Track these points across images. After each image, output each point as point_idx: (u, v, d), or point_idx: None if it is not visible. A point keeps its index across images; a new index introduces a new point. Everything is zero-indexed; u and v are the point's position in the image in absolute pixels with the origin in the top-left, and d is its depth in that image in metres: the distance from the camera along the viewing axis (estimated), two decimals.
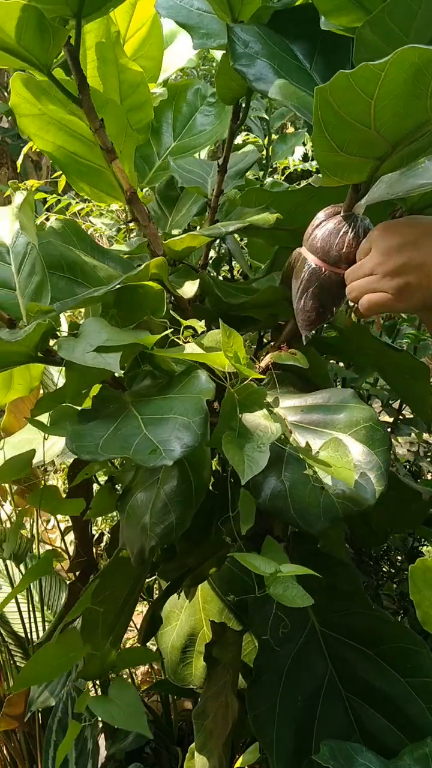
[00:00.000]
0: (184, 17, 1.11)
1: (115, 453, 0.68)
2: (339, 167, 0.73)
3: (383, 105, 0.60)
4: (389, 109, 0.61)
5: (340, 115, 0.63)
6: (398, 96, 0.59)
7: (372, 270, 0.75)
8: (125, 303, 0.82)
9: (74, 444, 0.69)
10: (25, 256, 0.81)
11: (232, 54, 0.87)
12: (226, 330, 0.73)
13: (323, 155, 0.70)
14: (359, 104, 0.61)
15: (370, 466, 0.82)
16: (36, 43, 0.81)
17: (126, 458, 0.68)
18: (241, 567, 0.95)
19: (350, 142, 0.67)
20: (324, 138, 0.66)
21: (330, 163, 0.71)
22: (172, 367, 0.79)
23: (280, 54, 0.89)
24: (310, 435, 0.86)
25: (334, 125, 0.64)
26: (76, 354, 0.70)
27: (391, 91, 0.58)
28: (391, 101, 0.60)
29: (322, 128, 0.65)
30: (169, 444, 0.68)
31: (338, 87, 0.59)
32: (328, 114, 0.63)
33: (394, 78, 0.57)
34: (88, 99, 0.90)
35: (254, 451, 0.74)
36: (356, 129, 0.64)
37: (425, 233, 0.72)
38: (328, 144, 0.67)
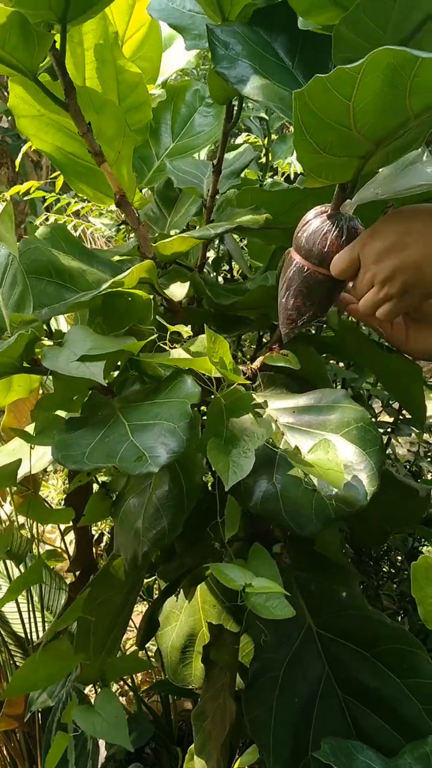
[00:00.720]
0: (176, 19, 1.11)
1: (102, 461, 0.68)
2: (323, 168, 0.72)
3: (362, 106, 0.60)
4: (369, 109, 0.60)
5: (320, 118, 0.62)
6: (376, 97, 0.58)
7: (370, 282, 0.75)
8: (111, 311, 0.82)
9: (60, 453, 0.69)
10: (6, 268, 0.80)
11: (213, 56, 0.86)
12: (211, 335, 0.73)
13: (306, 157, 0.69)
14: (338, 107, 0.60)
15: (362, 466, 0.81)
16: (20, 49, 0.80)
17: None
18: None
19: (332, 143, 0.67)
20: (305, 140, 0.65)
21: (313, 164, 0.71)
22: (159, 372, 0.79)
23: (261, 54, 0.88)
24: (302, 436, 0.86)
25: (314, 127, 0.64)
26: (60, 364, 0.70)
27: (368, 92, 0.58)
28: (370, 102, 0.59)
29: (303, 131, 0.64)
30: (154, 450, 0.67)
31: (316, 90, 0.58)
32: (308, 117, 0.62)
33: (371, 79, 0.56)
34: (75, 103, 0.90)
35: (240, 457, 0.74)
36: (337, 130, 0.64)
37: (407, 231, 0.71)
38: (309, 146, 0.66)
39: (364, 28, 0.68)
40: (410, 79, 0.57)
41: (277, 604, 0.69)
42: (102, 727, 0.77)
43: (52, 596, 1.51)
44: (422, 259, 0.71)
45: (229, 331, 1.09)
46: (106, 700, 0.79)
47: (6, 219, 0.77)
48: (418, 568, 0.81)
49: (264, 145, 1.70)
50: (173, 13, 1.11)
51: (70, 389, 0.79)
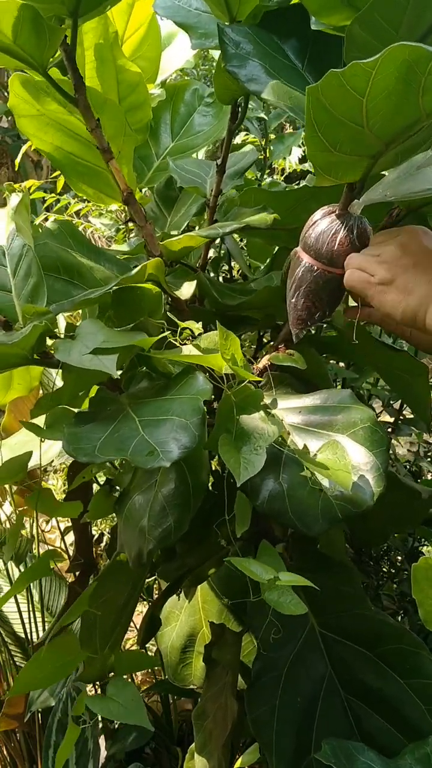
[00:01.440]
0: (183, 17, 1.11)
1: (113, 455, 0.68)
2: (333, 166, 0.72)
3: (375, 103, 0.60)
4: (381, 106, 0.60)
5: (333, 114, 0.62)
6: (390, 93, 0.58)
7: (380, 253, 0.76)
8: (122, 305, 0.82)
9: (71, 446, 0.68)
10: (21, 258, 0.80)
11: (223, 55, 0.87)
12: (223, 332, 0.73)
13: (317, 155, 0.69)
14: (351, 103, 0.60)
15: (368, 467, 0.81)
16: (32, 43, 0.80)
17: (124, 460, 0.68)
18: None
19: (343, 140, 0.67)
20: (317, 137, 0.65)
21: (324, 162, 0.71)
22: (169, 369, 0.79)
23: (271, 54, 0.89)
24: (308, 436, 0.86)
25: (326, 124, 0.64)
26: (72, 356, 0.70)
27: (382, 88, 0.58)
28: (383, 99, 0.59)
29: (315, 128, 0.64)
30: (166, 445, 0.67)
31: (330, 86, 0.58)
32: (321, 113, 0.62)
33: (386, 75, 0.56)
34: (84, 98, 0.89)
35: (251, 454, 0.74)
36: (349, 128, 0.64)
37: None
38: (321, 143, 0.66)
39: (377, 29, 0.69)
40: (425, 76, 0.58)
41: (291, 600, 0.69)
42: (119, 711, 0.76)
43: (52, 596, 1.50)
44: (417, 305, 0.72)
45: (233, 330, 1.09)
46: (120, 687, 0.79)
47: (23, 210, 0.76)
48: (419, 569, 0.81)
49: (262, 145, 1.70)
50: (179, 11, 1.12)
51: (80, 382, 0.79)
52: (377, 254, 0.76)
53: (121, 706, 0.77)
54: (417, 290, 0.72)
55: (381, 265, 0.75)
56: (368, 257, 0.77)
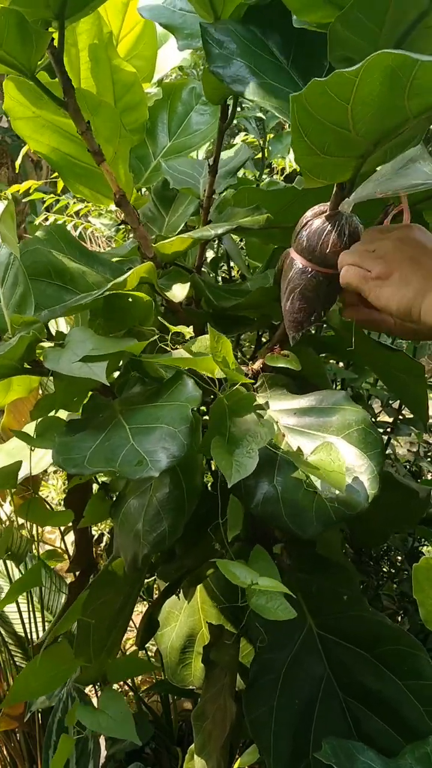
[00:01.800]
0: (167, 18, 1.09)
1: (102, 466, 0.67)
2: (320, 168, 0.72)
3: (360, 108, 0.59)
4: (367, 111, 0.60)
5: (318, 120, 0.62)
6: (375, 99, 0.58)
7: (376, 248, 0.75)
8: (113, 312, 0.81)
9: (61, 457, 0.68)
10: (8, 267, 0.80)
11: (207, 55, 0.85)
12: (215, 335, 0.73)
13: (303, 158, 0.69)
14: (336, 109, 0.60)
15: (363, 469, 0.81)
16: (18, 48, 0.80)
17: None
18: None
19: (330, 144, 0.66)
20: (303, 142, 0.65)
21: (311, 165, 0.70)
22: (160, 373, 0.79)
23: (256, 52, 0.88)
24: (302, 438, 0.85)
25: (312, 129, 0.64)
26: (62, 364, 0.70)
27: (367, 94, 0.57)
28: (369, 104, 0.59)
29: (301, 133, 0.64)
30: (155, 455, 0.67)
31: (314, 93, 0.58)
32: (306, 119, 0.62)
33: (370, 82, 0.56)
34: (74, 101, 0.89)
35: (243, 456, 0.73)
36: (335, 132, 0.63)
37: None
38: (307, 147, 0.66)
39: (360, 27, 0.68)
40: (409, 81, 0.57)
41: (279, 605, 0.69)
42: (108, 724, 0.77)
43: (52, 596, 1.50)
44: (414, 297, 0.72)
45: (229, 331, 1.08)
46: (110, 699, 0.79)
47: (8, 218, 0.76)
48: (420, 569, 0.81)
49: (260, 145, 1.69)
50: (164, 12, 1.10)
51: (71, 390, 0.79)
52: (372, 249, 0.76)
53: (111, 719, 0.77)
54: (413, 283, 0.72)
55: (377, 260, 0.74)
56: (363, 253, 0.76)
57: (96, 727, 0.77)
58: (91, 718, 0.77)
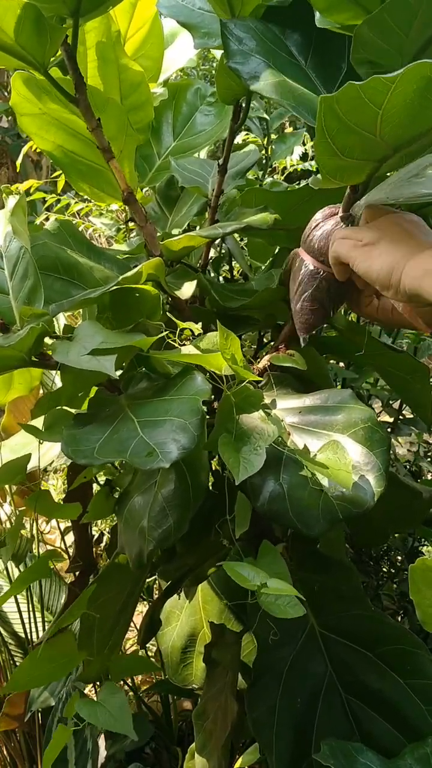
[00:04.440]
0: (186, 16, 1.10)
1: (112, 456, 0.67)
2: (339, 170, 0.72)
3: (391, 114, 0.60)
4: (396, 117, 0.61)
5: (345, 123, 0.62)
6: (406, 106, 0.59)
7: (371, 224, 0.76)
8: (121, 306, 0.82)
9: (70, 448, 0.68)
10: (18, 260, 0.80)
11: (226, 51, 0.86)
12: (224, 332, 0.73)
13: (325, 160, 0.69)
14: (367, 113, 0.61)
15: (369, 467, 0.81)
16: (33, 42, 0.80)
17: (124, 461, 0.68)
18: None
19: (353, 147, 0.67)
20: (327, 143, 0.66)
21: (331, 167, 0.71)
22: (168, 369, 0.79)
23: (275, 51, 0.88)
24: (308, 437, 0.85)
25: (337, 131, 0.64)
26: (70, 357, 0.70)
27: (399, 101, 0.58)
28: (399, 111, 0.60)
29: (325, 134, 0.65)
30: (165, 446, 0.67)
31: (346, 96, 0.59)
32: (332, 121, 0.62)
33: (404, 90, 0.57)
34: (85, 98, 0.89)
35: (250, 454, 0.73)
36: (360, 135, 0.64)
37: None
38: (330, 149, 0.67)
39: (387, 31, 0.68)
40: None
41: (287, 602, 0.69)
42: (106, 717, 0.76)
43: (52, 596, 1.50)
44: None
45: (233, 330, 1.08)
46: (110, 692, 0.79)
47: (19, 212, 0.76)
48: (416, 570, 0.81)
49: (263, 145, 1.70)
50: (183, 10, 1.11)
51: (78, 383, 0.79)
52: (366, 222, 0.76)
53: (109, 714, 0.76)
54: (400, 248, 0.70)
55: (369, 229, 0.74)
56: (355, 228, 0.77)
57: (94, 720, 0.76)
58: (89, 710, 0.77)
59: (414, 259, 0.67)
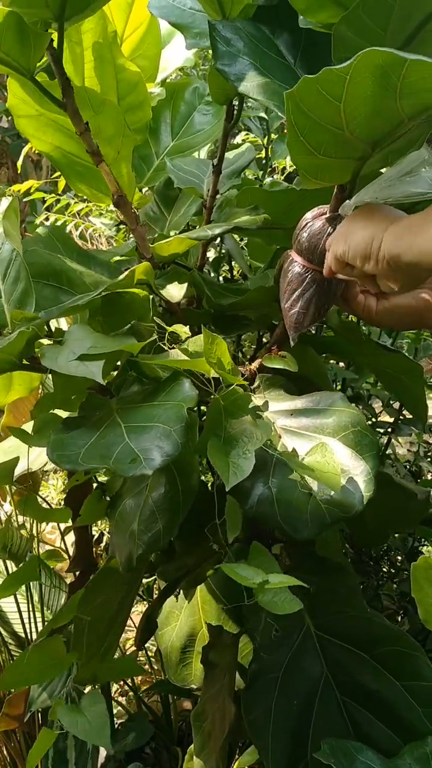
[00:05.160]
0: (177, 17, 1.10)
1: (96, 462, 0.68)
2: (318, 169, 0.72)
3: (353, 107, 0.59)
4: (360, 111, 0.60)
5: (312, 119, 0.62)
6: (367, 98, 0.58)
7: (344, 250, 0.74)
8: (111, 309, 0.82)
9: (55, 453, 0.69)
10: (10, 263, 0.80)
11: (214, 52, 0.85)
12: (209, 336, 0.73)
13: (300, 158, 0.69)
14: (328, 108, 0.60)
15: (358, 471, 0.81)
16: (17, 49, 0.80)
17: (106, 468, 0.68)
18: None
19: (326, 144, 0.66)
20: (299, 141, 0.65)
21: (308, 165, 0.70)
22: (158, 373, 0.79)
23: (263, 51, 0.88)
24: (298, 439, 0.85)
25: (307, 128, 0.64)
26: (59, 362, 0.70)
27: (359, 93, 0.57)
28: (361, 103, 0.59)
29: (296, 131, 0.64)
30: (149, 453, 0.67)
31: (306, 91, 0.58)
32: (300, 118, 0.62)
33: (360, 81, 0.56)
34: (73, 102, 0.89)
35: (239, 458, 0.73)
36: (330, 131, 0.63)
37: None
38: (303, 147, 0.66)
39: (364, 28, 0.68)
40: (399, 80, 0.57)
41: (284, 599, 0.69)
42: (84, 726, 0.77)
43: (52, 596, 1.50)
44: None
45: (228, 331, 1.08)
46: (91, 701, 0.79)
47: (11, 215, 0.76)
48: (418, 568, 0.80)
49: (263, 145, 1.69)
50: (174, 11, 1.10)
51: (69, 388, 0.79)
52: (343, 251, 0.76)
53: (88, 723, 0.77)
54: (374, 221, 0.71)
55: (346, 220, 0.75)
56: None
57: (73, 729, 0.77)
58: (70, 718, 0.77)
59: (392, 226, 0.70)
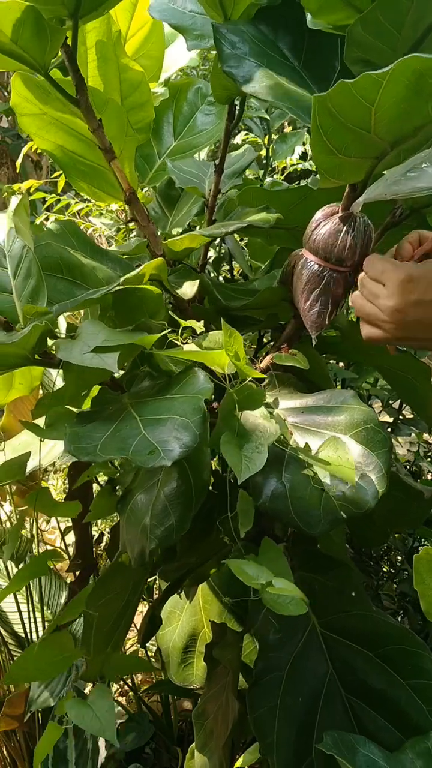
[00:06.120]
0: (177, 19, 1.10)
1: (114, 454, 0.67)
2: (337, 169, 0.73)
3: (384, 110, 0.61)
4: (389, 113, 0.61)
5: (339, 120, 0.63)
6: (399, 101, 0.59)
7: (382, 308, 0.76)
8: (123, 306, 0.82)
9: (72, 446, 0.68)
10: (21, 259, 0.80)
11: (219, 55, 0.86)
12: (227, 329, 0.73)
13: (322, 158, 0.70)
14: (359, 110, 0.61)
15: (370, 467, 0.81)
16: (33, 44, 0.80)
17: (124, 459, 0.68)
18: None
19: (349, 145, 0.68)
20: (322, 142, 0.66)
21: (328, 165, 0.72)
22: (170, 367, 0.79)
23: (268, 53, 0.88)
24: (310, 436, 0.86)
25: (332, 129, 0.65)
26: (74, 355, 0.70)
27: (392, 97, 0.59)
28: (392, 106, 0.60)
29: (321, 132, 0.65)
30: (167, 444, 0.67)
31: (339, 94, 0.59)
32: (327, 119, 0.63)
33: (395, 85, 0.57)
34: (86, 99, 0.89)
35: (252, 452, 0.74)
36: (355, 133, 0.65)
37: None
38: (326, 147, 0.67)
39: (379, 29, 0.69)
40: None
41: (290, 600, 0.69)
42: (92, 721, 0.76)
43: (52, 596, 1.50)
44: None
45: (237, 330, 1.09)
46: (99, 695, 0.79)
47: (22, 211, 0.76)
48: (421, 560, 0.81)
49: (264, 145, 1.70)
50: (174, 13, 1.11)
51: (81, 382, 0.79)
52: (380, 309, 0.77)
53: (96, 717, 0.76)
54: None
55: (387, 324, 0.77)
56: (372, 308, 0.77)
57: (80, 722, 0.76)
58: (78, 711, 0.77)
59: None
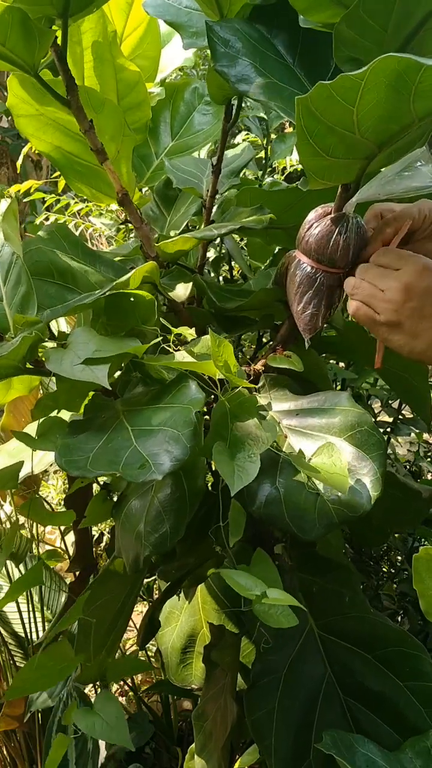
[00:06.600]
0: (173, 16, 1.09)
1: (105, 468, 0.67)
2: (325, 170, 0.72)
3: (366, 111, 0.60)
4: (372, 114, 0.60)
5: (323, 123, 0.62)
6: (380, 102, 0.58)
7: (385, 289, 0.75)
8: (115, 311, 0.81)
9: (63, 459, 0.68)
10: (10, 266, 0.80)
11: (212, 54, 0.85)
12: (215, 339, 0.72)
13: (308, 160, 0.69)
14: (341, 112, 0.60)
15: (365, 470, 0.81)
16: (21, 45, 0.79)
17: None
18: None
19: (335, 146, 0.67)
20: (308, 144, 0.65)
21: (316, 167, 0.71)
22: (163, 374, 0.79)
23: (262, 51, 0.87)
24: (304, 439, 0.85)
25: (317, 132, 0.64)
26: (64, 366, 0.69)
27: (372, 98, 0.58)
28: (374, 107, 0.59)
29: (306, 135, 0.64)
30: (158, 458, 0.67)
31: (319, 97, 0.58)
32: (311, 122, 0.62)
33: (375, 86, 0.56)
34: (77, 100, 0.89)
35: (245, 461, 0.73)
36: (340, 134, 0.64)
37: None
38: (312, 150, 0.66)
39: (365, 27, 0.68)
40: (415, 84, 0.57)
41: (281, 611, 0.69)
42: (102, 728, 0.77)
43: (52, 596, 1.50)
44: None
45: (231, 331, 1.08)
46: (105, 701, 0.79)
47: (11, 217, 0.76)
48: (420, 560, 0.80)
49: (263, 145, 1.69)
50: (170, 9, 1.10)
51: (73, 391, 0.78)
52: (382, 289, 0.76)
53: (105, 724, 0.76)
54: (422, 336, 0.74)
55: (386, 303, 0.75)
56: (373, 289, 0.76)
57: (91, 731, 0.76)
58: (86, 720, 0.77)
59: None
